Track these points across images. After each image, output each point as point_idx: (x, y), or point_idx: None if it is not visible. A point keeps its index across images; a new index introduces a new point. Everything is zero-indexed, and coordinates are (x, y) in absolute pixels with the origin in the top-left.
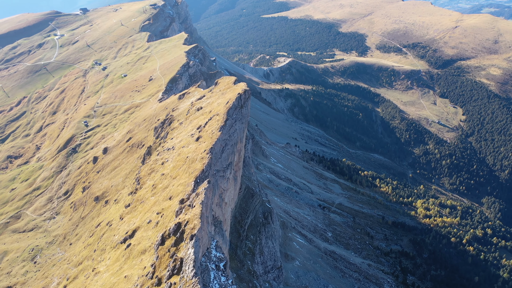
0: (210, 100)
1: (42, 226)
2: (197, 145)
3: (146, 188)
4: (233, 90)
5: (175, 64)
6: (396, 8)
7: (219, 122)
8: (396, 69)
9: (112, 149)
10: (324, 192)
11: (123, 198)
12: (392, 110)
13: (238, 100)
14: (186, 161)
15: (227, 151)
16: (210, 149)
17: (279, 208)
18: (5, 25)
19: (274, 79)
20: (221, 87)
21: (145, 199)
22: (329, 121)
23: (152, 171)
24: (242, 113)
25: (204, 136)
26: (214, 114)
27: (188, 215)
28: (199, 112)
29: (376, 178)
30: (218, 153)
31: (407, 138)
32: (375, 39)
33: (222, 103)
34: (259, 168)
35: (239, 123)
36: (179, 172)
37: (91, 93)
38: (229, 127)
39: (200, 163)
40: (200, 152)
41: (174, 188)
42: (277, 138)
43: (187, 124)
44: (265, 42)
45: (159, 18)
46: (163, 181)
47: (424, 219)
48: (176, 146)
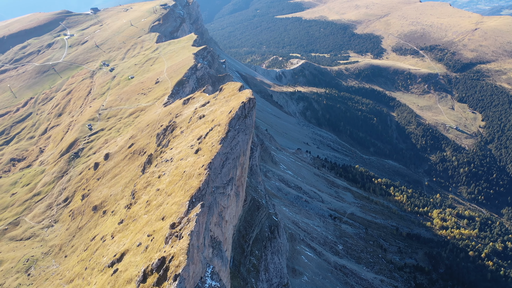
0: (213, 107)
1: (39, 235)
2: (196, 158)
3: (140, 204)
4: (237, 97)
5: (182, 66)
6: (414, 9)
7: (220, 133)
8: (413, 72)
9: (114, 155)
10: (335, 201)
11: (120, 210)
12: (408, 115)
13: (241, 109)
14: (183, 176)
15: (228, 166)
16: (209, 164)
17: (288, 219)
18: (16, 24)
19: (287, 81)
20: (225, 93)
21: (138, 216)
22: (342, 126)
23: (148, 185)
24: (245, 124)
25: (203, 149)
26: (216, 124)
27: (175, 248)
28: (201, 121)
29: (390, 186)
30: (218, 168)
31: (423, 144)
32: (391, 41)
33: (225, 111)
34: (267, 176)
35: (242, 134)
36: (174, 189)
37: (97, 95)
38: (231, 139)
39: (197, 179)
40: (198, 167)
41: (168, 208)
42: (288, 143)
43: (188, 133)
44: (278, 43)
45: (169, 19)
46: (158, 197)
47: (441, 231)
48: (174, 158)
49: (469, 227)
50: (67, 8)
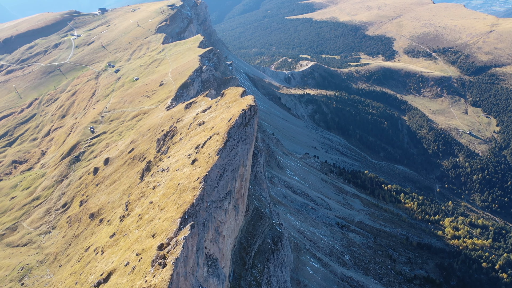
0: (214, 114)
1: (36, 241)
2: (192, 169)
3: (132, 217)
4: (239, 103)
5: (187, 68)
6: (427, 11)
7: (218, 143)
8: (425, 75)
9: (114, 160)
10: (343, 208)
11: (115, 220)
12: (419, 119)
13: (241, 117)
14: (177, 189)
15: (225, 178)
16: (204, 177)
17: (293, 227)
18: (24, 24)
19: (295, 83)
20: (227, 99)
21: (129, 231)
22: (352, 129)
23: (142, 196)
24: (246, 133)
25: (200, 159)
26: (214, 133)
27: (156, 278)
28: (200, 128)
29: (401, 192)
30: (214, 181)
31: (435, 150)
32: (403, 43)
33: (226, 119)
34: (273, 182)
35: (242, 144)
36: (168, 202)
37: (101, 96)
38: (229, 149)
39: (191, 194)
40: (193, 179)
41: (159, 224)
42: (296, 147)
43: (187, 141)
44: (288, 44)
45: (176, 19)
46: (151, 211)
47: (452, 240)
48: (171, 168)
49: (483, 236)
50: (80, 8)
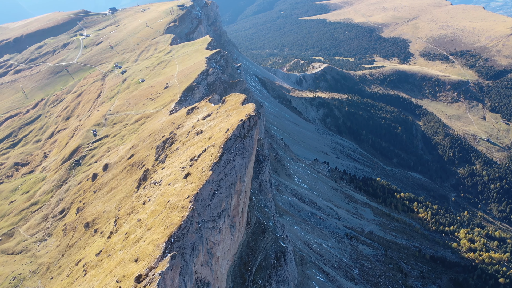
0: (213, 122)
1: (31, 249)
2: (183, 185)
3: (119, 235)
4: (239, 112)
5: (193, 71)
6: (444, 13)
7: (213, 156)
8: (441, 79)
9: (113, 166)
10: (353, 218)
11: (107, 233)
12: (435, 124)
13: (239, 129)
14: (166, 207)
15: (219, 196)
16: (195, 195)
17: (299, 239)
18: (35, 23)
19: (307, 86)
20: (227, 106)
21: (113, 252)
22: (364, 134)
23: (132, 211)
24: (244, 145)
25: (193, 174)
26: (210, 145)
27: None
28: (197, 137)
29: (414, 201)
30: (207, 199)
31: (450, 157)
32: (419, 45)
33: (224, 128)
34: (279, 190)
35: (240, 157)
36: (155, 222)
37: (106, 98)
38: (224, 164)
39: (179, 214)
40: (183, 197)
41: (144, 247)
42: (305, 152)
43: (183, 151)
44: (301, 45)
45: (185, 20)
46: (137, 230)
47: (468, 254)
48: (163, 181)
49: (500, 250)
50: (96, 7)
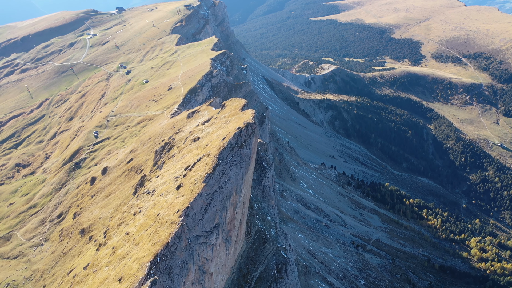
0: (211, 128)
1: (27, 254)
2: (175, 197)
3: (107, 248)
4: (238, 118)
5: (197, 72)
6: (457, 14)
7: (207, 167)
8: (454, 82)
9: (112, 169)
10: (359, 225)
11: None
12: (446, 128)
13: (236, 137)
14: (156, 221)
15: (212, 210)
16: (186, 209)
17: (302, 247)
18: (42, 22)
19: (316, 87)
20: (227, 112)
21: (99, 267)
22: (373, 138)
23: (122, 222)
24: (241, 155)
25: (185, 185)
26: (205, 154)
27: None
28: (194, 144)
29: (424, 207)
30: (198, 213)
31: (462, 162)
32: (431, 47)
33: (221, 136)
34: (284, 196)
35: (236, 168)
36: (143, 237)
37: (109, 99)
38: (219, 175)
39: (167, 231)
40: (173, 211)
41: (129, 265)
42: (312, 156)
43: (179, 158)
44: (311, 46)
45: (192, 20)
46: (125, 244)
47: (479, 263)
48: (156, 190)
49: None
50: (107, 6)
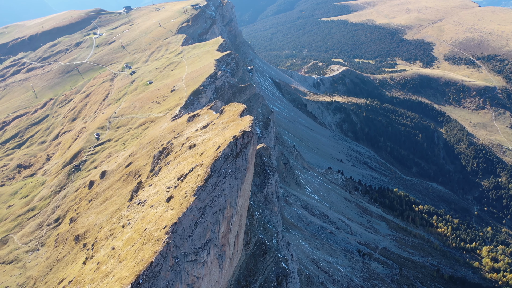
0: (207, 135)
1: (22, 259)
2: (164, 210)
3: (93, 263)
4: (236, 125)
5: (201, 74)
6: (471, 15)
7: (199, 178)
8: (466, 85)
9: (111, 174)
10: (366, 232)
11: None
12: (458, 132)
13: (231, 147)
14: (142, 236)
15: (203, 225)
16: (173, 225)
17: (306, 256)
18: (50, 22)
19: (325, 89)
20: (225, 117)
21: (82, 284)
22: (382, 141)
23: (111, 235)
24: (236, 166)
25: (175, 198)
26: (198, 164)
27: None
28: (190, 152)
29: (433, 214)
30: (188, 229)
31: (474, 167)
32: (443, 48)
33: (218, 143)
34: (288, 202)
35: (231, 179)
36: (128, 253)
37: (113, 100)
38: (212, 187)
39: (152, 249)
40: (161, 226)
41: (110, 285)
42: (319, 160)
43: (173, 166)
44: (321, 46)
45: (199, 20)
46: (110, 261)
47: (490, 274)
48: (148, 201)
49: None
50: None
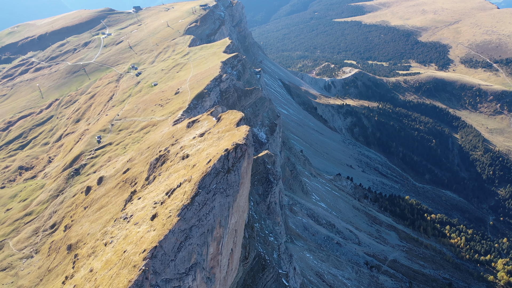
0: (202, 145)
1: (15, 267)
2: (146, 230)
3: (70, 285)
4: (231, 135)
5: (206, 76)
6: (489, 17)
7: (185, 196)
8: (483, 89)
9: (108, 179)
10: (375, 242)
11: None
12: (474, 138)
13: (222, 161)
14: (121, 259)
15: (188, 248)
16: (153, 250)
17: (310, 269)
18: (60, 21)
19: (336, 92)
20: (221, 126)
21: None
22: (394, 147)
23: (93, 253)
24: (228, 182)
25: (160, 216)
26: (186, 180)
27: None
28: (182, 163)
29: (446, 223)
30: (170, 253)
31: (490, 175)
32: (460, 51)
33: (211, 155)
34: (293, 210)
35: (221, 197)
36: (104, 278)
37: (117, 101)
38: (199, 206)
39: (128, 276)
40: (140, 249)
41: None
42: (327, 165)
43: (164, 178)
44: (333, 48)
45: (207, 20)
46: (86, 285)
47: None
48: (134, 216)
49: None
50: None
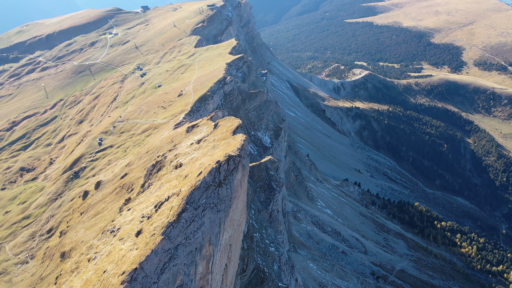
0: (197, 154)
1: (10, 272)
2: (129, 248)
3: None
4: (226, 144)
5: (210, 78)
6: (505, 18)
7: (171, 212)
8: (498, 92)
9: (105, 184)
10: (382, 251)
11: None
12: (487, 143)
13: (213, 174)
14: (100, 280)
15: (173, 269)
16: (132, 272)
17: (313, 280)
18: (68, 20)
19: (345, 94)
20: (217, 134)
21: None
22: (404, 151)
23: (76, 268)
24: (219, 196)
25: (144, 233)
26: (175, 193)
27: None
28: (175, 173)
29: (457, 232)
30: (152, 275)
31: (503, 182)
32: (473, 53)
33: (204, 165)
34: (297, 217)
35: (212, 212)
36: None
37: (120, 103)
38: (186, 223)
39: None
40: (120, 270)
41: None
42: (335, 170)
43: (155, 189)
44: (344, 49)
45: (214, 21)
46: None
47: None
48: (121, 230)
49: None
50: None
